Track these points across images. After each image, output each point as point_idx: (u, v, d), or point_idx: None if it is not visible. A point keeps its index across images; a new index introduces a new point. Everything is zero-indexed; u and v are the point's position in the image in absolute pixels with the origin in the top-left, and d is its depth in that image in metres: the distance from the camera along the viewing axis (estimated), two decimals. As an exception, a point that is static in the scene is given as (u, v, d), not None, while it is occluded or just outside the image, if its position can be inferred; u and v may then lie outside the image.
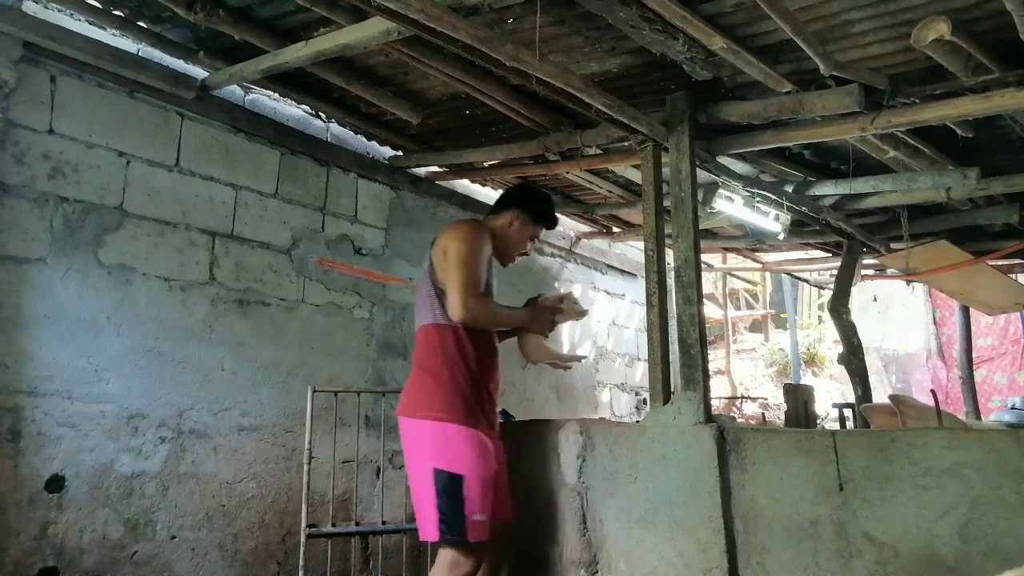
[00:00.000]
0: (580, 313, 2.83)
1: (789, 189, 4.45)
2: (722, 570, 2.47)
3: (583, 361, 6.20)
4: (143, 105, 3.50)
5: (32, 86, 3.14)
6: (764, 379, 10.56)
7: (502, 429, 3.21)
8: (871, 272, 6.88)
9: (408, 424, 2.47)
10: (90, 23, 3.23)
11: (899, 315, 10.02)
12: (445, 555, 2.36)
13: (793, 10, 2.62)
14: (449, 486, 2.35)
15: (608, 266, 6.64)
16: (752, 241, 5.75)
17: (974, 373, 7.43)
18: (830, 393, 9.23)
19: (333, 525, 3.48)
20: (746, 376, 10.67)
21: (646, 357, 3.34)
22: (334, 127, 4.36)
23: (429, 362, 2.49)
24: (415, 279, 4.58)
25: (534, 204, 2.80)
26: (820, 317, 11.71)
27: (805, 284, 9.34)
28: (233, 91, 3.83)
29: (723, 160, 3.99)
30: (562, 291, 2.83)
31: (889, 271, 6.65)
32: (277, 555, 3.77)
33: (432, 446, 2.41)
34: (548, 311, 2.75)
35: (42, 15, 3.10)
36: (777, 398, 9.41)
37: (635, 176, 4.37)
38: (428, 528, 2.40)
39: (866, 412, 4.52)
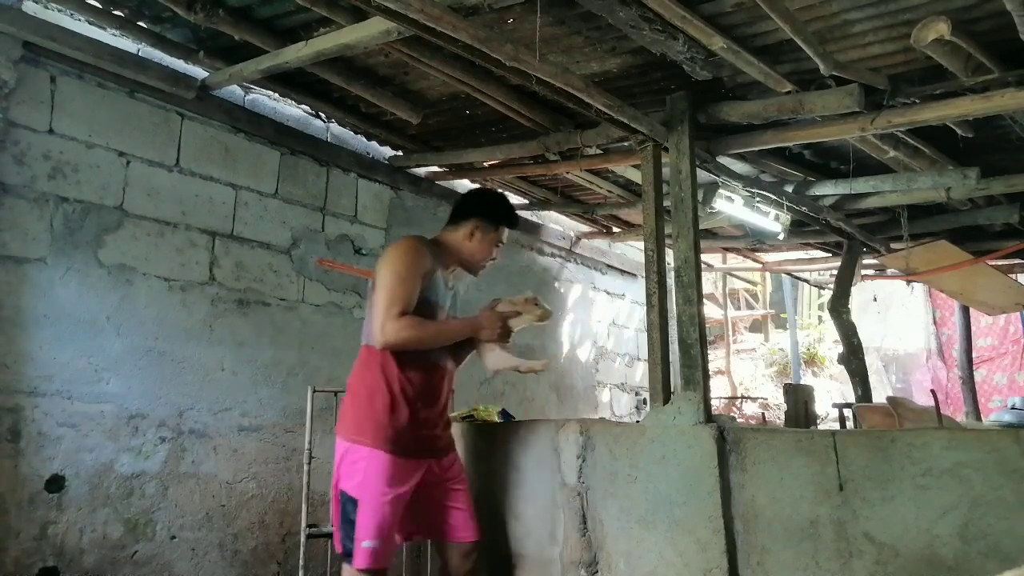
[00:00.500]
0: (543, 314, 2.55)
1: (789, 189, 4.45)
2: (722, 570, 2.47)
3: (583, 362, 6.19)
4: (143, 105, 3.50)
5: (32, 86, 3.14)
6: (764, 379, 10.56)
7: (502, 430, 3.21)
8: (871, 272, 6.88)
9: (337, 442, 2.48)
10: (90, 23, 3.23)
11: (899, 315, 10.02)
12: (344, 572, 2.36)
13: (793, 10, 2.62)
14: (347, 508, 2.35)
15: (608, 266, 6.64)
16: (752, 241, 5.76)
17: (974, 373, 7.43)
18: (830, 393, 9.23)
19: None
20: (746, 376, 10.67)
21: (646, 357, 3.34)
22: (334, 127, 4.36)
23: (353, 382, 2.47)
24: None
25: (491, 210, 2.61)
26: (820, 317, 11.71)
27: (805, 284, 9.34)
28: (233, 91, 3.84)
29: (723, 160, 3.99)
30: (527, 293, 2.58)
31: (889, 271, 6.65)
32: (277, 555, 3.77)
33: (340, 465, 2.41)
34: (496, 316, 2.51)
35: (42, 15, 3.10)
36: (777, 398, 9.41)
37: (635, 176, 4.37)
38: (336, 540, 2.41)
39: (859, 412, 4.52)
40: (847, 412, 5.13)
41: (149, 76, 3.40)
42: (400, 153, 4.62)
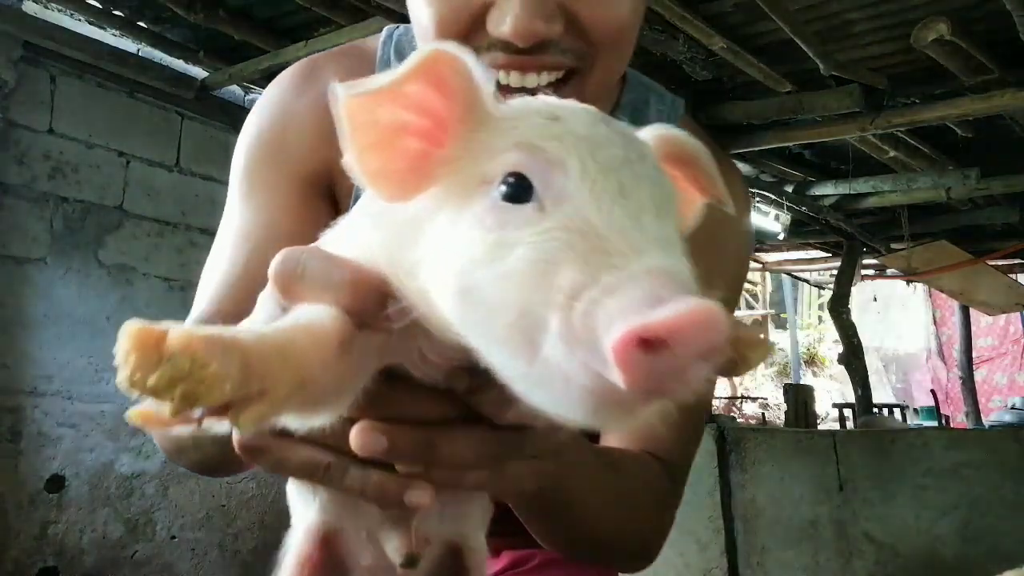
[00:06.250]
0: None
1: (789, 189, 4.46)
2: (722, 570, 2.48)
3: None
4: (143, 105, 3.50)
5: (32, 86, 3.14)
6: (764, 379, 10.56)
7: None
8: (871, 272, 6.89)
9: None
10: (90, 23, 3.23)
11: (899, 315, 10.03)
12: None
13: (793, 10, 2.62)
14: None
15: (608, 266, 6.63)
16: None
17: (974, 373, 7.44)
18: (830, 393, 9.23)
19: (333, 525, 3.48)
20: (746, 376, 10.67)
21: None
22: (334, 127, 4.35)
23: None
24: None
25: None
26: (820, 317, 11.71)
27: (805, 284, 9.35)
28: (233, 91, 3.83)
29: (723, 160, 3.99)
30: None
31: (889, 271, 6.65)
32: (277, 555, 3.77)
33: None
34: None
35: (42, 15, 3.10)
36: (777, 398, 9.41)
37: (635, 176, 4.37)
38: None
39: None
40: (847, 412, 5.14)
41: (149, 76, 3.40)
42: (400, 153, 4.61)
